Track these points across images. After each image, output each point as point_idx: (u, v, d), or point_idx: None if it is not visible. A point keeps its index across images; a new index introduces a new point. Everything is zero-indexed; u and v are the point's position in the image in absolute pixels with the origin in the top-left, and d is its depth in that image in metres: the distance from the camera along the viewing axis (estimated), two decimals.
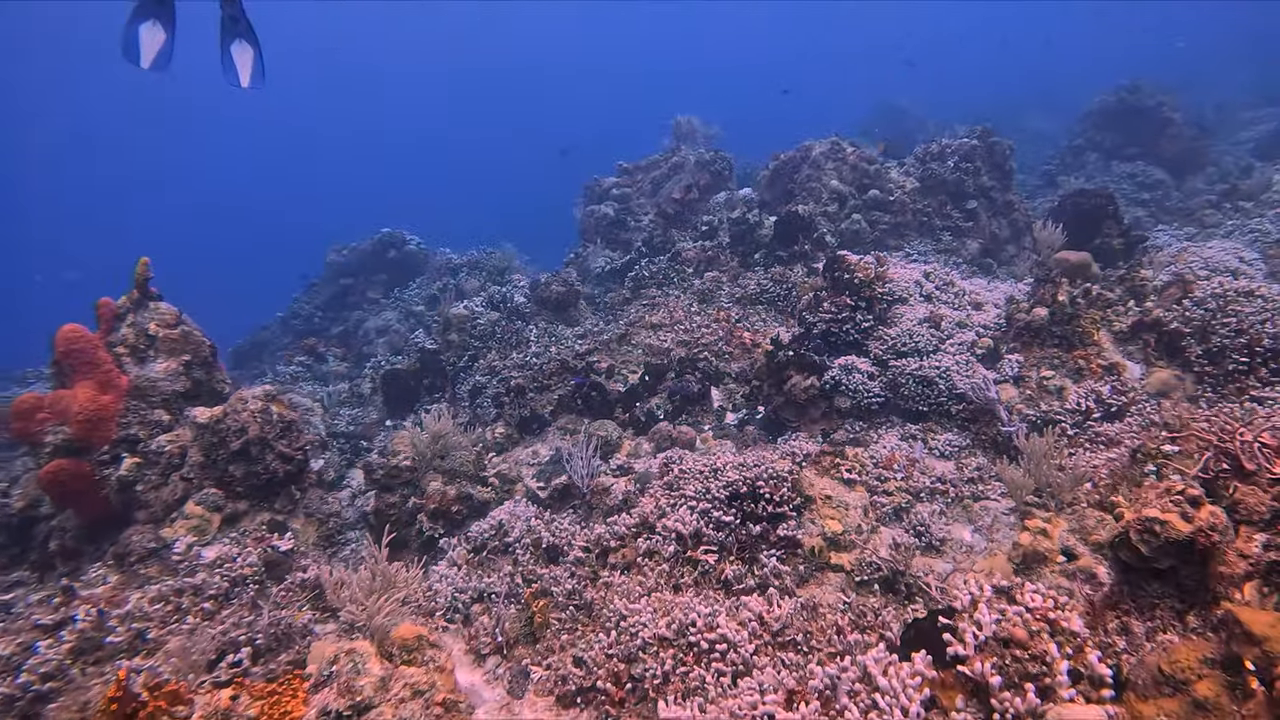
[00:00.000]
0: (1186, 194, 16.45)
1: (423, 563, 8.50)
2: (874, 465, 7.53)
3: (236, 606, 6.06)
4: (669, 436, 8.82)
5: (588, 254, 15.86)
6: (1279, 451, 3.62)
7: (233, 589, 6.24)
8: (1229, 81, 29.22)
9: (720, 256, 12.40)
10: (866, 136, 28.12)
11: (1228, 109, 23.89)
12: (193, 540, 6.61)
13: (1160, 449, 5.15)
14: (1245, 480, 3.54)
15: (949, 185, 12.98)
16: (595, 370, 10.43)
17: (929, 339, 8.10)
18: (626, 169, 17.13)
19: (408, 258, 19.25)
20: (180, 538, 6.56)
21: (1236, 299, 7.14)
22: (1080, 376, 7.47)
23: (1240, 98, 25.73)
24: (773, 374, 8.83)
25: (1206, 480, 5.02)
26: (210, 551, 6.62)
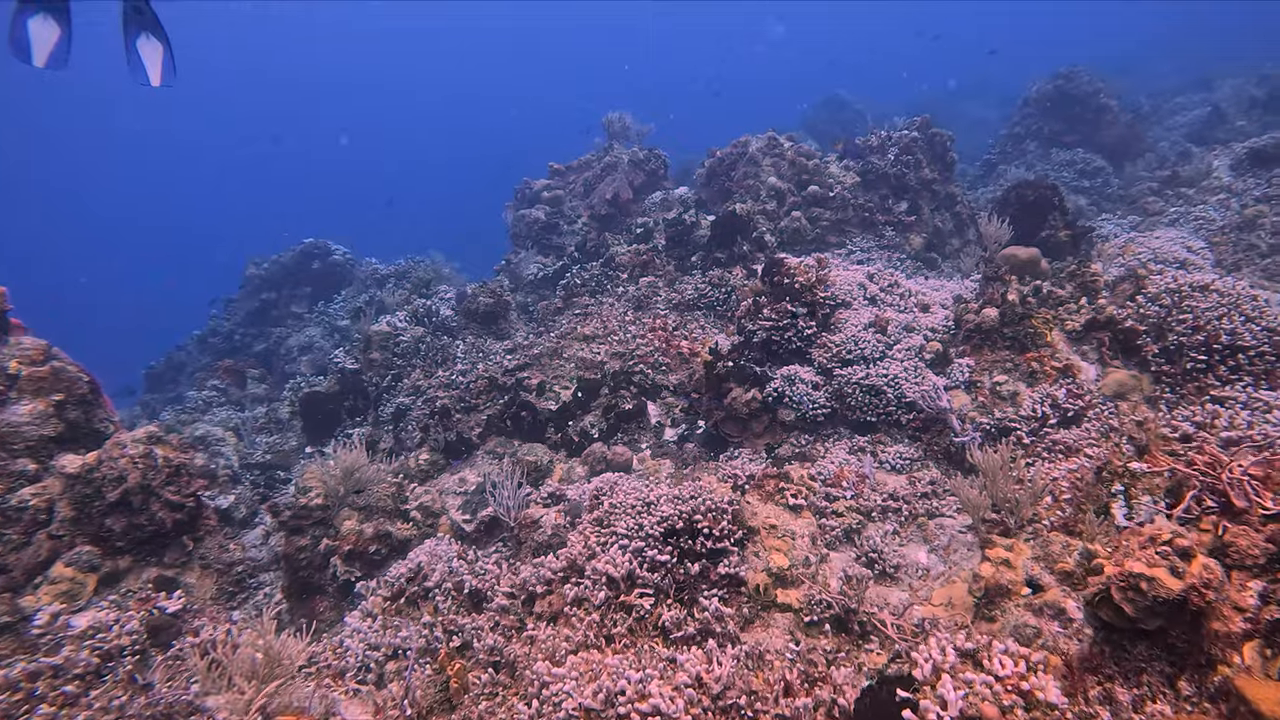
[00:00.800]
0: (1127, 180, 16.43)
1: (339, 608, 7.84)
2: (822, 483, 7.09)
3: (109, 685, 5.34)
4: (603, 459, 8.27)
5: (519, 260, 15.20)
6: (1267, 481, 3.20)
7: (106, 664, 5.51)
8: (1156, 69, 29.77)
9: (656, 260, 11.87)
10: (810, 130, 28.01)
11: (1160, 95, 24.18)
12: (60, 609, 5.84)
13: (1127, 467, 4.75)
14: (1235, 519, 3.11)
15: (890, 179, 12.64)
16: (525, 387, 9.82)
17: (875, 345, 7.67)
18: (558, 170, 16.51)
19: (333, 269, 18.36)
20: (44, 607, 5.79)
21: (1191, 294, 6.84)
22: (1034, 380, 7.11)
23: (1169, 84, 26.13)
24: (712, 386, 8.33)
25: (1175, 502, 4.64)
26: (82, 619, 5.86)
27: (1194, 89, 24.34)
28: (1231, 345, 6.58)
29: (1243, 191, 12.03)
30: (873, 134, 13.24)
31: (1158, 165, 16.76)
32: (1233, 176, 12.89)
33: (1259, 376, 6.57)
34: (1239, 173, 12.87)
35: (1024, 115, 20.17)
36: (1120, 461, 4.85)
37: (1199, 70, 26.24)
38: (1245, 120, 18.16)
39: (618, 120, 16.12)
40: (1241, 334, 6.56)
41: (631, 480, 7.93)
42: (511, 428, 9.22)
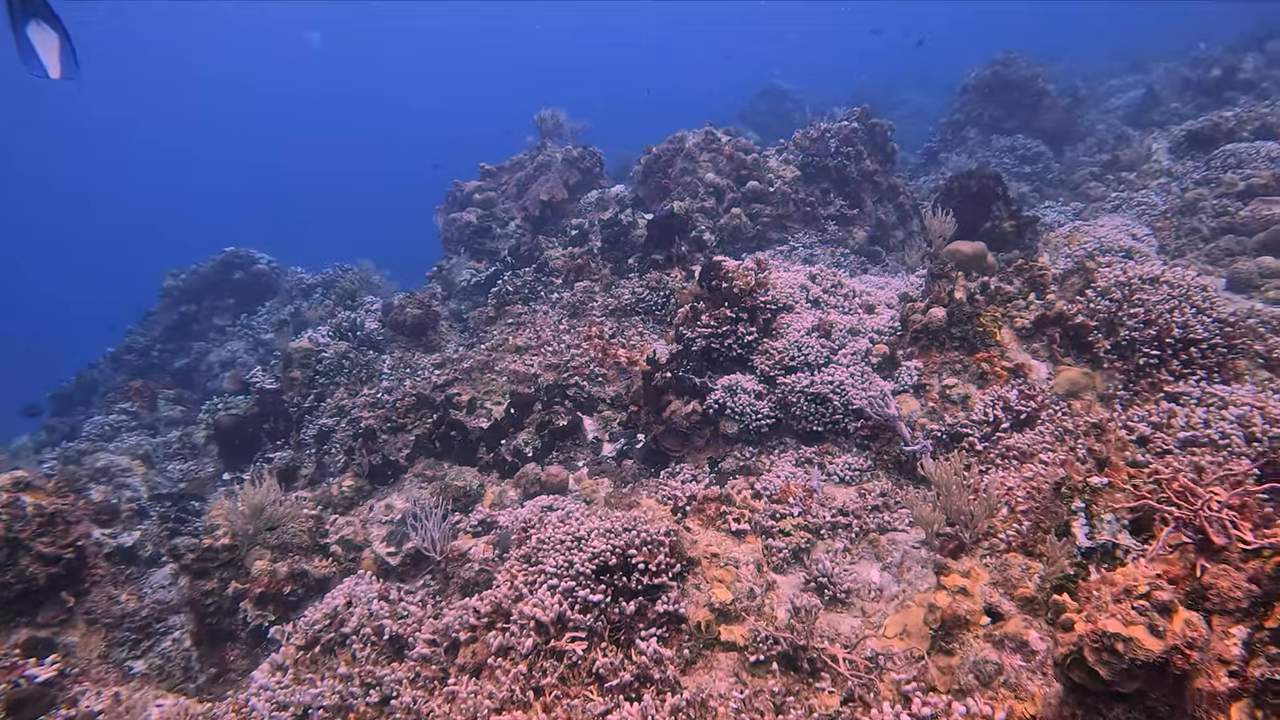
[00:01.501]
0: (1068, 166, 16.44)
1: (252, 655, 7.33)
2: (768, 499, 6.74)
3: None
4: (537, 481, 7.82)
5: (451, 266, 14.62)
6: (1244, 510, 2.88)
7: None
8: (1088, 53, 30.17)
9: (591, 264, 11.42)
10: (748, 122, 27.76)
11: (1094, 79, 24.44)
12: None
13: (1087, 482, 4.45)
14: (1214, 558, 2.79)
15: (831, 171, 12.37)
16: (455, 405, 9.31)
17: (819, 350, 7.33)
18: (489, 170, 15.95)
19: (257, 279, 17.54)
20: None
21: (1141, 287, 6.62)
22: (985, 381, 6.84)
23: (1101, 67, 26.46)
24: (650, 398, 7.94)
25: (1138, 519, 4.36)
26: None
27: (1127, 71, 24.66)
28: (1184, 339, 6.38)
29: (1182, 175, 12.01)
30: (812, 126, 12.94)
31: (1097, 149, 16.81)
32: (1172, 159, 12.89)
33: (1211, 369, 6.40)
34: (1178, 155, 12.87)
35: (963, 102, 20.14)
36: (1080, 476, 4.55)
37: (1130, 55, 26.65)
38: (1179, 102, 18.32)
39: (550, 117, 15.62)
40: (1193, 327, 6.36)
41: (567, 501, 7.51)
42: (441, 449, 8.71)
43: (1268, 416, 5.54)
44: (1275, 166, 10.68)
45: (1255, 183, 10.48)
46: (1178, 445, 5.60)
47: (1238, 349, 6.49)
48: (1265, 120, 12.26)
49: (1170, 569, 3.02)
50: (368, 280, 16.31)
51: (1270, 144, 11.30)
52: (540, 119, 15.63)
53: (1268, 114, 12.39)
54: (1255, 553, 2.78)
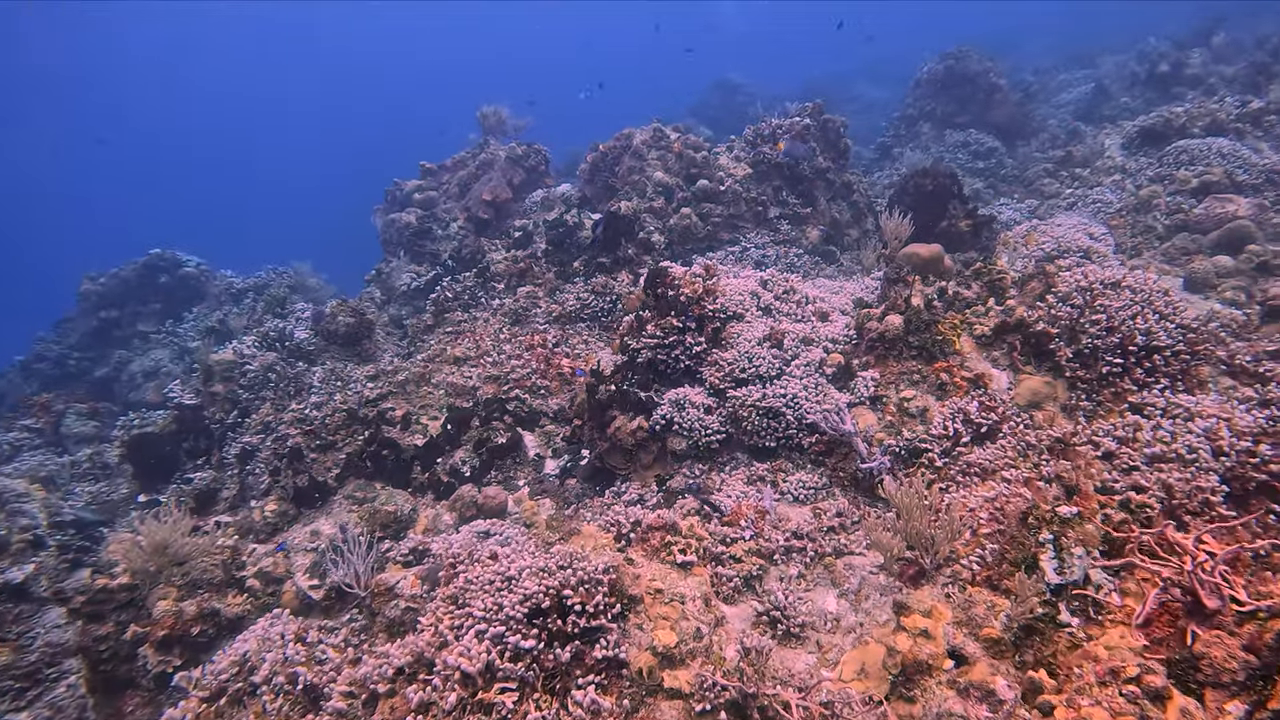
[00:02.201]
0: (1021, 161, 16.38)
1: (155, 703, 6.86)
2: (718, 521, 6.38)
3: None
4: (474, 504, 7.38)
5: (391, 270, 14.06)
6: (1237, 564, 2.58)
7: None
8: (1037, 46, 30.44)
9: (535, 268, 10.98)
10: (700, 116, 27.45)
11: (1045, 73, 24.56)
12: None
13: (1055, 512, 4.16)
14: (1206, 623, 2.48)
15: (783, 169, 12.07)
16: (388, 420, 8.82)
17: (771, 361, 7.00)
18: (430, 169, 15.37)
19: (184, 283, 16.72)
20: None
21: (1103, 292, 6.39)
22: (944, 393, 6.56)
23: (1051, 61, 26.64)
24: (595, 413, 7.54)
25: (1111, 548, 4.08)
26: None
27: (1076, 65, 24.83)
28: (1147, 346, 6.16)
29: (1136, 171, 11.94)
30: (763, 122, 12.63)
31: (1050, 144, 16.79)
32: (1125, 156, 12.83)
33: (1175, 377, 6.19)
34: (1131, 152, 12.82)
35: (916, 96, 20.06)
36: (1047, 505, 4.25)
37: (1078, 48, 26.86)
38: (1129, 97, 18.41)
39: (493, 114, 15.11)
40: (1156, 333, 6.14)
41: (505, 526, 7.11)
42: (372, 468, 8.23)
43: (1234, 429, 5.33)
44: (1227, 163, 10.63)
45: (1208, 179, 10.41)
46: (1144, 461, 5.37)
47: (1201, 355, 6.30)
48: (1215, 116, 12.26)
49: (1155, 629, 2.71)
50: (304, 284, 15.67)
51: (1221, 140, 11.26)
52: (482, 115, 15.11)
53: (1217, 110, 12.39)
54: (1251, 614, 2.48)
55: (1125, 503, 4.12)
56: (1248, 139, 11.84)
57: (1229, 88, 15.87)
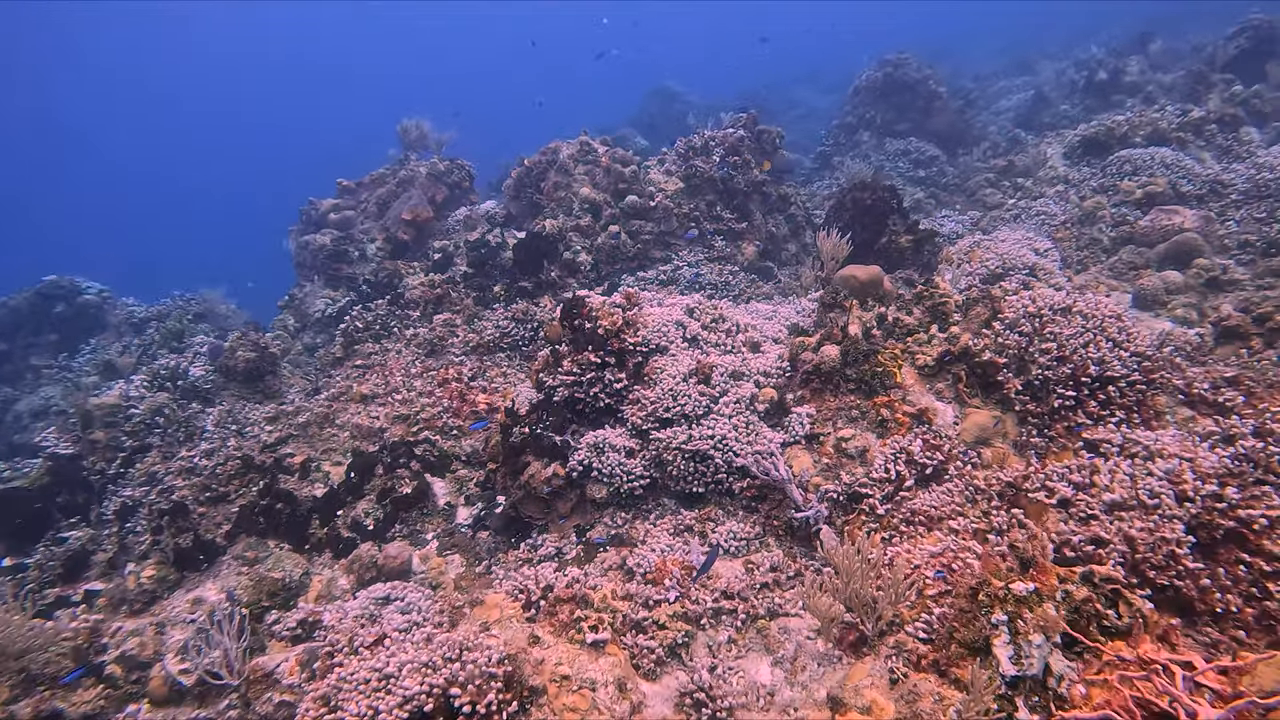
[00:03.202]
0: (962, 170, 16.12)
1: None
2: (641, 578, 5.78)
3: None
4: (373, 564, 6.66)
5: (305, 295, 13.23)
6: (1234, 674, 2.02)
7: None
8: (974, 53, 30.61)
9: (452, 293, 10.27)
10: (639, 126, 26.95)
11: (984, 80, 24.59)
12: None
13: (1009, 589, 3.61)
14: None
15: (716, 183, 11.54)
16: (286, 468, 8.04)
17: (698, 399, 6.40)
18: (348, 187, 14.55)
19: (83, 312, 15.57)
20: None
21: (1053, 319, 5.93)
22: (885, 430, 6.04)
23: (989, 68, 26.74)
24: (508, 457, 6.89)
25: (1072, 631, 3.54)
26: None
27: (1015, 72, 24.91)
28: (1101, 376, 5.70)
29: (1079, 182, 11.66)
30: (696, 134, 12.10)
31: (991, 153, 16.58)
32: (1068, 165, 12.58)
33: (1131, 409, 5.74)
34: (1073, 161, 12.57)
35: (855, 104, 19.77)
36: (1000, 582, 3.71)
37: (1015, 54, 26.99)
38: (1068, 104, 18.35)
39: (414, 128, 14.36)
40: (1110, 363, 5.69)
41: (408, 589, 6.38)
42: (265, 524, 7.43)
43: (1199, 471, 4.88)
44: (1171, 173, 10.39)
45: (1153, 190, 10.14)
46: (1103, 509, 4.89)
47: (1157, 384, 5.87)
48: (1157, 125, 12.06)
49: None
50: (213, 311, 14.69)
51: (1164, 150, 11.04)
52: (403, 129, 14.35)
53: (1159, 119, 12.19)
54: None
55: (1088, 576, 3.59)
56: (1190, 148, 11.64)
57: (1168, 95, 15.84)
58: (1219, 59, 15.60)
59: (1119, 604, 3.61)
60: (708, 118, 12.94)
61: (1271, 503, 4.67)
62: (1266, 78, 14.41)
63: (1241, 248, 9.04)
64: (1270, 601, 4.35)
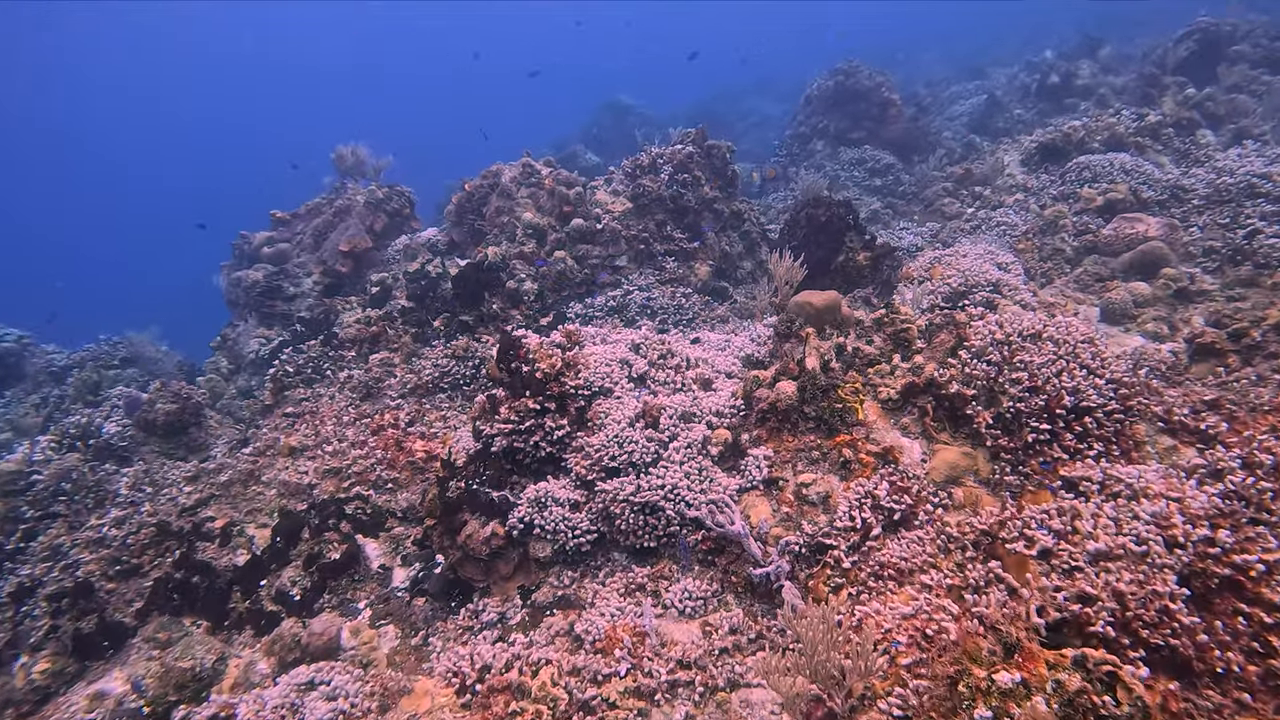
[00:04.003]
0: (919, 178, 15.87)
1: None
2: (590, 648, 5.29)
3: None
4: (296, 644, 6.08)
5: (238, 335, 12.57)
6: None
7: None
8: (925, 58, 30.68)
9: (389, 330, 9.71)
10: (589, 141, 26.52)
11: (936, 85, 24.52)
12: None
13: (993, 680, 3.18)
14: None
15: (666, 201, 11.11)
16: (206, 534, 7.42)
17: (645, 445, 5.94)
18: (282, 219, 13.91)
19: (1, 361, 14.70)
20: None
21: (1023, 345, 5.55)
22: (849, 472, 5.61)
23: (941, 73, 26.74)
24: (445, 515, 6.35)
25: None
26: None
27: (967, 77, 24.88)
28: (1076, 407, 5.32)
29: (1039, 190, 11.41)
30: (644, 152, 11.67)
31: (948, 160, 16.36)
32: (1026, 173, 12.34)
33: (1109, 440, 5.37)
34: (1031, 168, 12.33)
35: (808, 114, 19.52)
36: (982, 671, 3.27)
37: (967, 60, 27.03)
38: (1022, 109, 18.26)
39: (350, 154, 13.77)
40: (1086, 392, 5.32)
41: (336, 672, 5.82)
42: (180, 600, 6.81)
43: (1188, 514, 4.50)
44: (1131, 179, 10.16)
45: (1114, 197, 9.89)
46: (1088, 560, 4.49)
47: (1135, 411, 5.51)
48: (1114, 130, 11.86)
49: None
50: (141, 355, 13.92)
51: (1123, 155, 10.83)
52: (338, 156, 13.76)
53: (1115, 123, 12.00)
54: None
55: (1080, 661, 3.17)
56: (1149, 153, 11.46)
57: (1120, 98, 15.76)
58: (1169, 62, 15.55)
59: (1116, 688, 3.19)
60: (655, 134, 12.51)
61: (1268, 545, 4.31)
62: (1218, 80, 14.37)
63: (1207, 254, 8.80)
64: (1275, 659, 3.97)
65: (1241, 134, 12.24)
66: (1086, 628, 4.10)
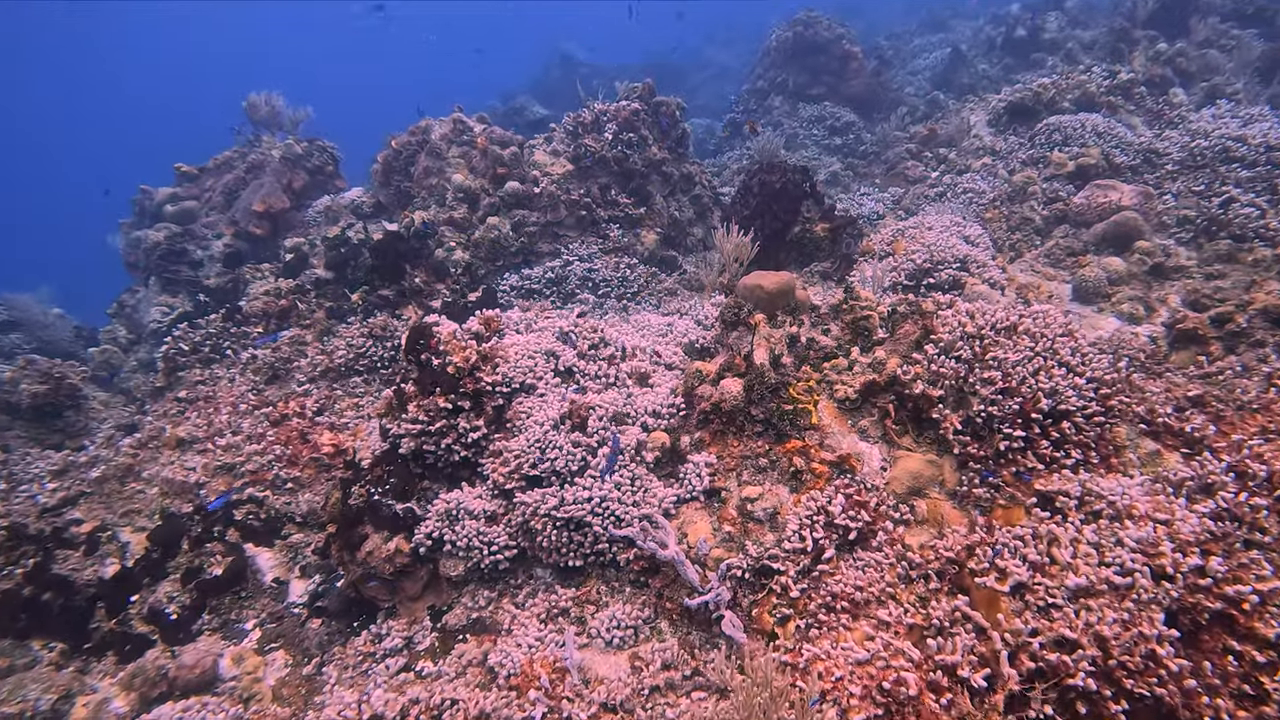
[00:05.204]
0: (880, 138, 15.21)
1: None
2: (505, 683, 4.69)
3: None
4: (163, 677, 5.37)
5: (138, 301, 11.59)
6: None
7: None
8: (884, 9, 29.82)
9: (300, 304, 8.86)
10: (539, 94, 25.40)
11: (898, 38, 23.79)
12: None
13: None
14: None
15: (609, 163, 10.32)
16: (69, 540, 6.63)
17: (571, 451, 5.27)
18: (189, 173, 12.82)
19: None
20: None
21: (995, 340, 4.97)
22: (799, 484, 5.02)
23: (902, 25, 25.96)
24: (345, 526, 5.65)
25: None
26: None
27: (930, 30, 24.19)
28: (1053, 410, 4.77)
29: (1007, 153, 10.83)
30: (586, 108, 10.83)
31: (910, 118, 15.71)
32: (993, 134, 11.76)
33: (1088, 448, 4.83)
34: (999, 129, 11.75)
35: (766, 67, 18.73)
36: None
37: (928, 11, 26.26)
38: (986, 63, 17.66)
39: (264, 103, 12.69)
40: (1064, 393, 4.77)
41: (209, 710, 5.14)
42: (28, 621, 6.03)
43: (1178, 539, 3.99)
44: (1104, 143, 9.62)
45: (1086, 163, 9.35)
46: (1066, 596, 3.96)
47: (1116, 412, 4.98)
48: (1085, 89, 11.29)
49: None
50: (28, 319, 12.81)
51: (1094, 116, 10.28)
52: (249, 105, 12.67)
53: (1086, 81, 11.43)
54: None
55: None
56: (1120, 114, 10.92)
57: (1089, 53, 15.20)
58: (1139, 14, 14.98)
59: None
60: (601, 88, 11.66)
61: (1262, 573, 3.82)
62: (1190, 33, 13.88)
63: (1181, 225, 8.32)
64: (1268, 706, 3.50)
65: (1214, 92, 11.77)
66: (1065, 680, 3.60)
